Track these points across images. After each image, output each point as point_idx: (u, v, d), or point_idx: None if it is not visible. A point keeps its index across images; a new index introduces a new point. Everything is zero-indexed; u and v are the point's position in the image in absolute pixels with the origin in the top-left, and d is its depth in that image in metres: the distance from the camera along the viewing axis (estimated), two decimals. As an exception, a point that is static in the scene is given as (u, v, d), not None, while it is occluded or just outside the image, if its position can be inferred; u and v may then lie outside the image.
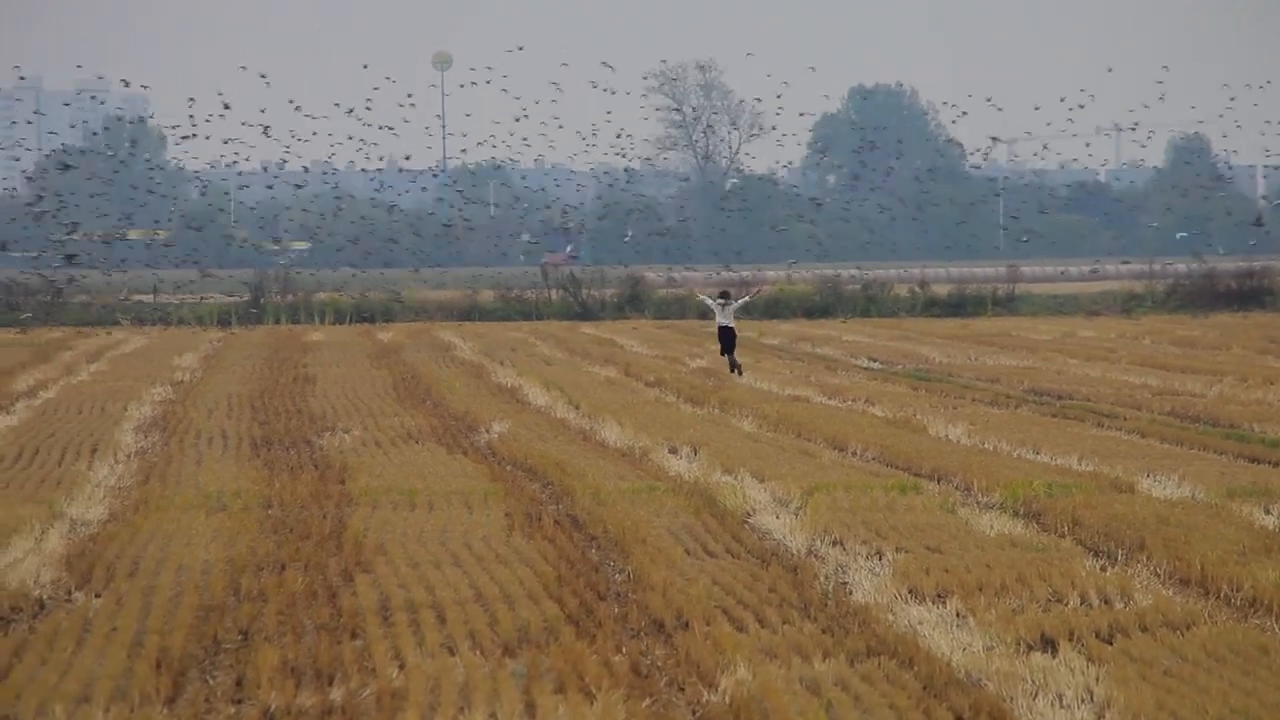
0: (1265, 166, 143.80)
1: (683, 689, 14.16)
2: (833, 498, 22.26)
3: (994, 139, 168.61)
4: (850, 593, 17.30)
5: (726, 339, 41.54)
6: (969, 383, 39.99)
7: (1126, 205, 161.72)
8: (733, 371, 41.40)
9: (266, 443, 29.70)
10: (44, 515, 21.47)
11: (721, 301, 41.90)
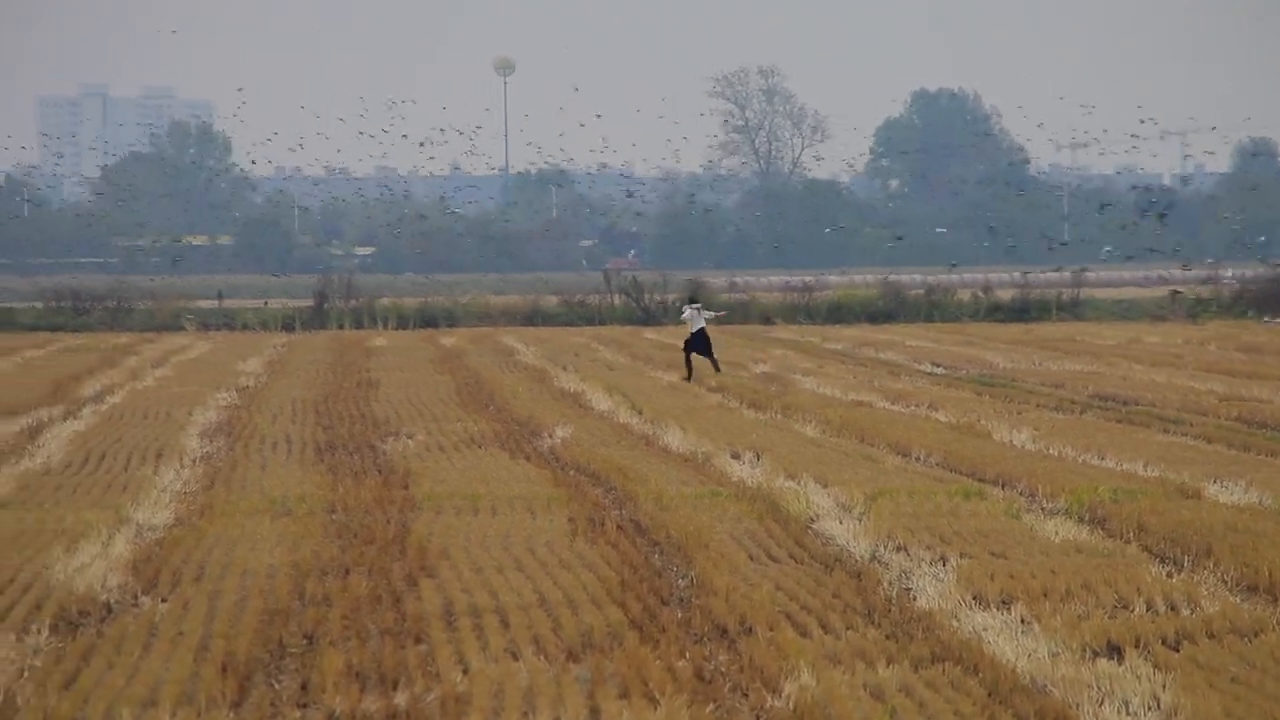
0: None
1: (746, 695, 14.14)
2: (896, 503, 22.20)
3: (1069, 144, 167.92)
4: (914, 598, 17.24)
5: (701, 343, 42.08)
6: (1033, 388, 39.82)
7: (1193, 209, 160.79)
8: (717, 370, 42.15)
9: (330, 447, 29.81)
10: (111, 520, 21.61)
11: (696, 307, 42.56)
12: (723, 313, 45.27)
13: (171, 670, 14.51)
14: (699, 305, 43.15)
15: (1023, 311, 77.30)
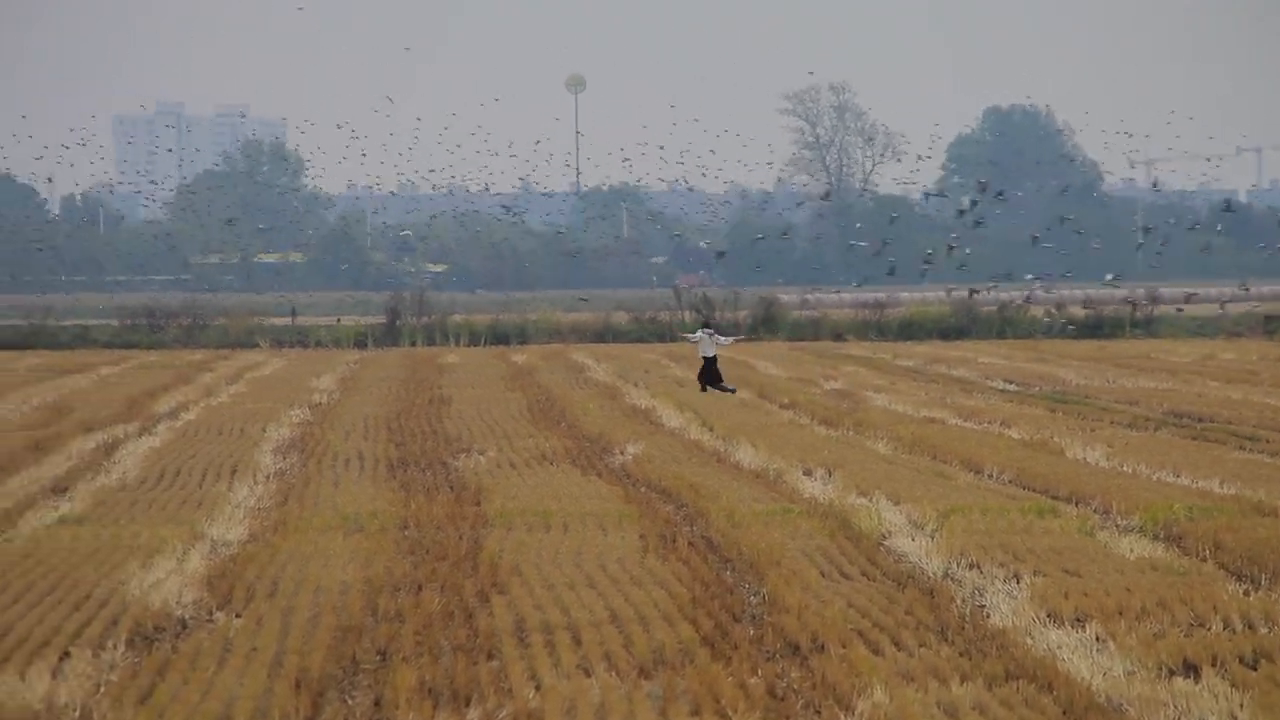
0: None
1: (819, 712, 14.09)
2: (969, 520, 22.10)
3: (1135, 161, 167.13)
4: (988, 616, 17.16)
5: (711, 372, 42.17)
6: (1107, 405, 39.59)
7: (1269, 224, 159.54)
8: (729, 391, 42.12)
9: (403, 464, 29.91)
10: (186, 536, 21.74)
11: (709, 331, 42.58)
12: (741, 336, 45.24)
13: (245, 686, 14.58)
14: (711, 330, 43.10)
15: (1096, 328, 76.88)
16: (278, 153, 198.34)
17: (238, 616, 17.41)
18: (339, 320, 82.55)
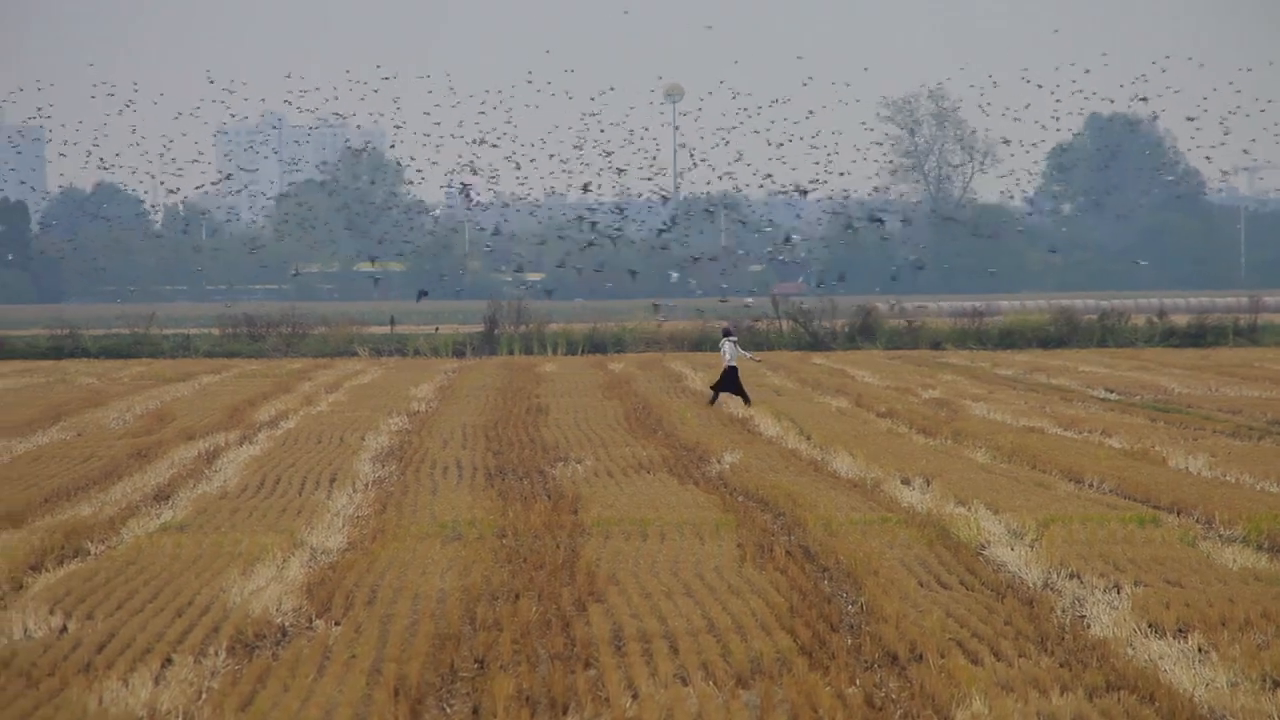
0: None
1: (917, 723, 14.02)
2: (1069, 530, 21.94)
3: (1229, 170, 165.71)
4: (1088, 626, 17.02)
5: (730, 380, 42.00)
6: (1209, 414, 39.20)
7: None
8: (747, 403, 41.85)
9: (500, 472, 30.00)
10: (285, 544, 21.89)
11: (733, 340, 42.48)
12: (759, 359, 45.13)
13: (344, 694, 14.66)
14: (735, 339, 43.06)
15: (1199, 337, 76.15)
16: (377, 161, 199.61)
17: (337, 624, 17.51)
18: (437, 329, 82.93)
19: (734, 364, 42.30)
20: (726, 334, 43.10)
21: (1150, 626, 16.76)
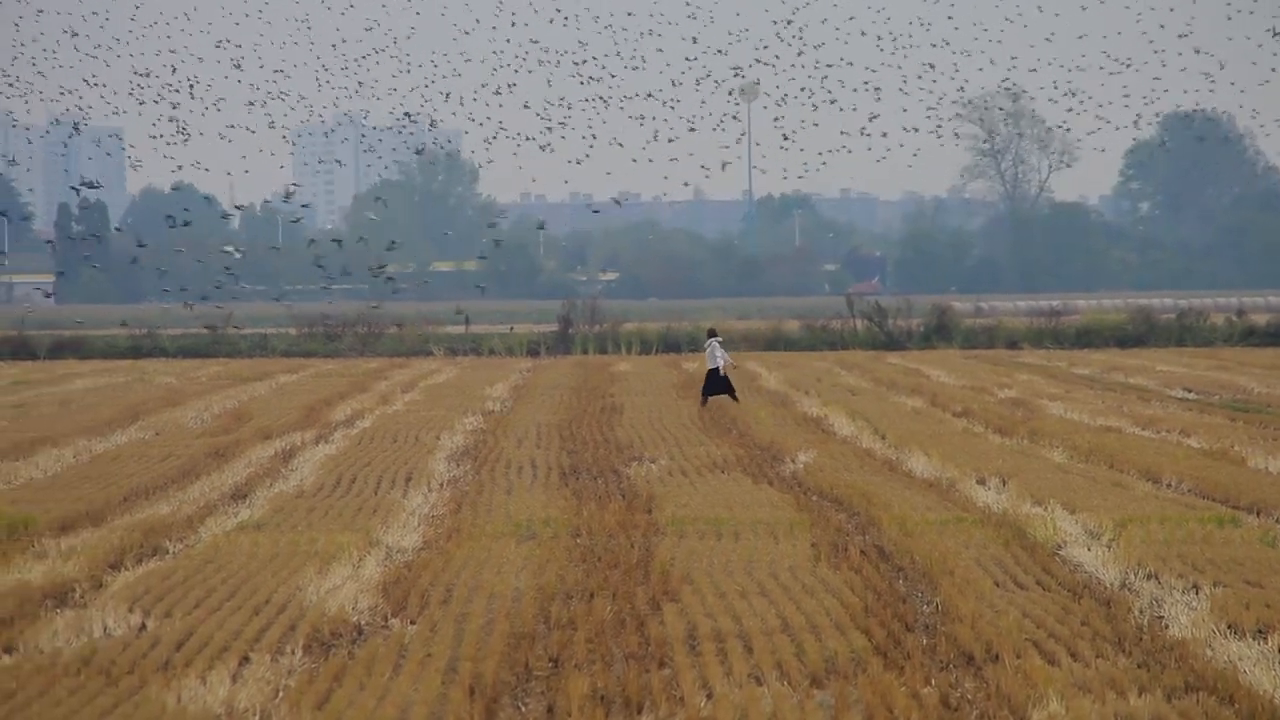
0: None
1: (993, 724, 13.96)
2: (1147, 530, 21.79)
3: None
4: (1166, 627, 16.91)
5: (716, 382, 41.90)
6: (1289, 413, 38.85)
7: None
8: (735, 399, 41.94)
9: (574, 472, 30.04)
10: (361, 543, 21.99)
11: (718, 340, 42.40)
12: (732, 365, 45.26)
13: (420, 692, 14.71)
14: (720, 338, 42.93)
15: (1278, 335, 75.48)
16: (452, 162, 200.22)
17: (412, 623, 17.57)
18: (512, 328, 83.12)
19: (717, 365, 42.29)
20: (712, 335, 43.10)
21: (1229, 627, 16.63)
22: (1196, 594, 18.24)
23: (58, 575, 19.89)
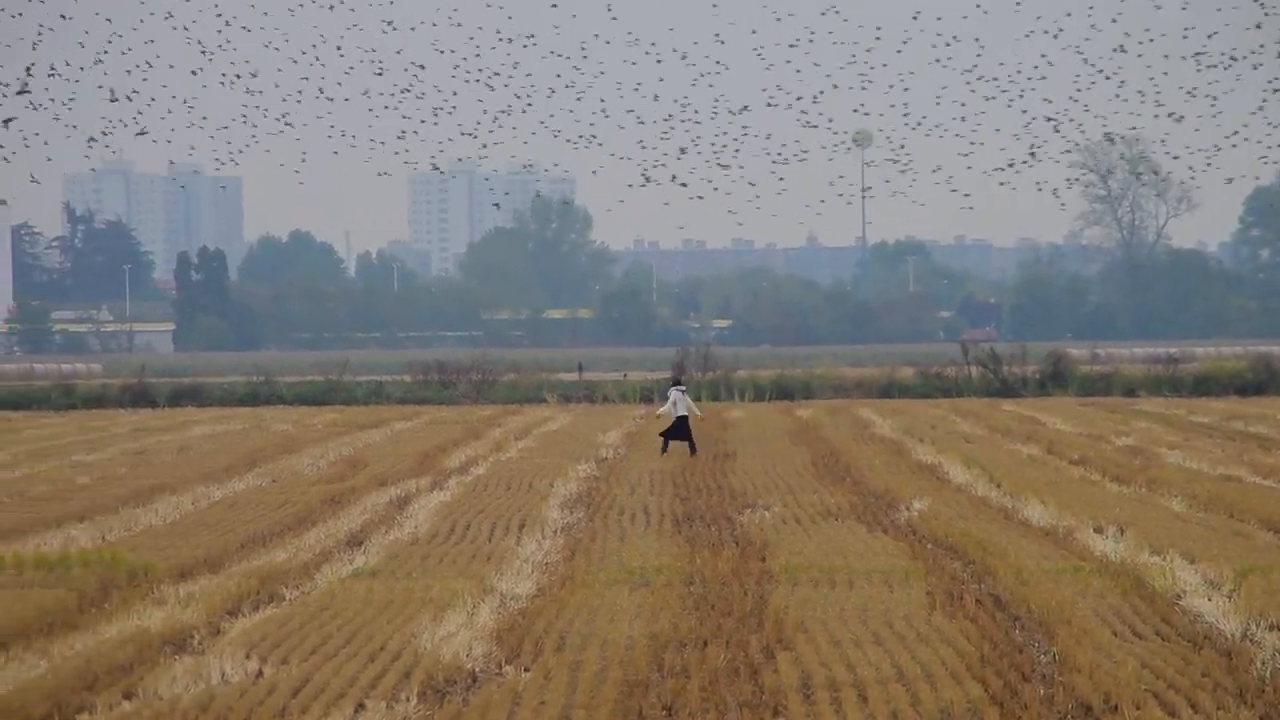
0: None
1: (1111, 776, 13.80)
2: (1269, 580, 21.49)
3: None
4: (1288, 680, 16.66)
5: (679, 429, 41.55)
6: None
7: None
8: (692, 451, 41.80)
9: (688, 519, 30.02)
10: (475, 589, 22.06)
11: (681, 390, 42.09)
12: (700, 416, 44.95)
13: (534, 738, 14.71)
14: (684, 388, 42.66)
15: (1403, 382, 74.29)
16: (566, 209, 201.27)
17: (526, 670, 17.60)
18: (625, 375, 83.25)
19: (684, 414, 42.12)
20: (676, 383, 43.02)
21: (1353, 680, 16.36)
22: (1319, 645, 17.96)
23: (176, 622, 20.08)
